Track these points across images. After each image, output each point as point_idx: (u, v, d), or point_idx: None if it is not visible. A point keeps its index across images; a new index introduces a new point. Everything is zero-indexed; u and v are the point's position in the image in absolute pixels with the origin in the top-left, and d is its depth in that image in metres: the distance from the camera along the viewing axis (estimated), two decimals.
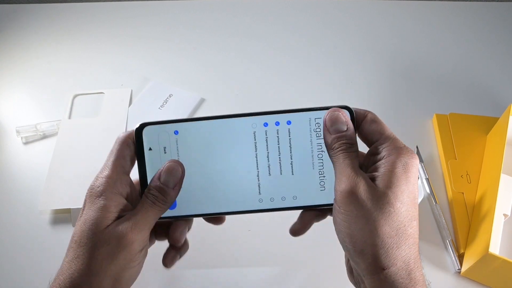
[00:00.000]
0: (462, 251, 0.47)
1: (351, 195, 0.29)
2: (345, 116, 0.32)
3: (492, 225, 0.43)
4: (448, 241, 0.48)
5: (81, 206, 0.32)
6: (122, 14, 0.80)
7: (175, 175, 0.33)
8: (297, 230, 0.35)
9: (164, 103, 0.63)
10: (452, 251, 0.47)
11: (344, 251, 0.31)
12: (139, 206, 0.32)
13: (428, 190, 0.52)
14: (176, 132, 0.34)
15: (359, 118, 0.33)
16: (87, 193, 0.32)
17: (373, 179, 0.30)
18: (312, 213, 0.35)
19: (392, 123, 0.59)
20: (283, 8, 0.81)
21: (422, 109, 0.63)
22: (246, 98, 0.65)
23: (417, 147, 0.56)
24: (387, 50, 0.73)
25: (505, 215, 0.48)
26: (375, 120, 0.32)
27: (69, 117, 0.61)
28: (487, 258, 0.41)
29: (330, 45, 0.73)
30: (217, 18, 0.79)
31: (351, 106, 0.33)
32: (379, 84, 0.67)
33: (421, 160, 0.55)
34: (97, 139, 0.57)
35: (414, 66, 0.70)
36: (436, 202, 0.51)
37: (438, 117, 0.60)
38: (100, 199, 0.31)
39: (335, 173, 0.31)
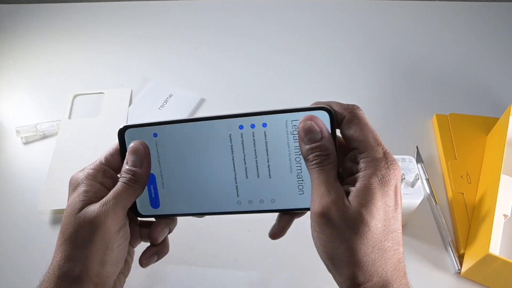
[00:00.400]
0: (462, 251, 0.46)
1: (324, 216, 0.28)
2: (319, 124, 0.30)
3: (492, 226, 0.42)
4: (448, 241, 0.48)
5: None
6: (122, 14, 0.80)
7: (138, 153, 0.33)
8: (276, 233, 0.35)
9: (164, 103, 0.63)
10: (452, 252, 0.47)
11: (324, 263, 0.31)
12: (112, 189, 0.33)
13: (428, 191, 0.52)
14: (155, 135, 0.34)
15: (339, 119, 0.30)
16: (69, 183, 0.33)
17: (348, 193, 0.29)
18: (289, 214, 0.35)
19: (392, 123, 0.61)
20: (283, 8, 0.81)
21: (422, 109, 0.63)
22: (246, 98, 0.65)
23: (417, 147, 0.56)
24: (387, 50, 0.73)
25: (505, 215, 0.48)
26: (354, 122, 0.29)
27: (69, 117, 0.61)
28: (487, 258, 0.41)
29: (330, 45, 0.73)
30: (217, 18, 0.79)
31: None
32: (379, 84, 0.67)
33: (421, 160, 0.55)
34: (97, 139, 0.57)
35: (414, 66, 0.70)
36: (436, 202, 0.51)
37: (438, 117, 0.60)
38: (79, 186, 0.32)
39: (311, 187, 0.30)
